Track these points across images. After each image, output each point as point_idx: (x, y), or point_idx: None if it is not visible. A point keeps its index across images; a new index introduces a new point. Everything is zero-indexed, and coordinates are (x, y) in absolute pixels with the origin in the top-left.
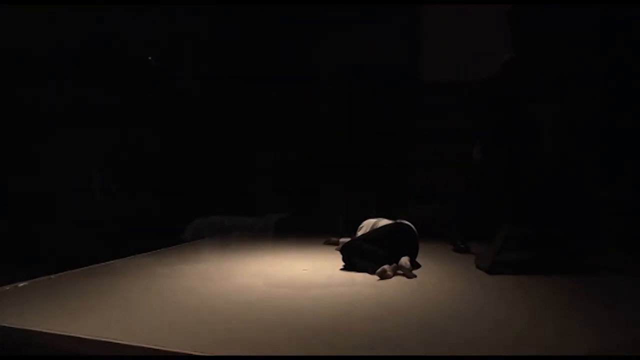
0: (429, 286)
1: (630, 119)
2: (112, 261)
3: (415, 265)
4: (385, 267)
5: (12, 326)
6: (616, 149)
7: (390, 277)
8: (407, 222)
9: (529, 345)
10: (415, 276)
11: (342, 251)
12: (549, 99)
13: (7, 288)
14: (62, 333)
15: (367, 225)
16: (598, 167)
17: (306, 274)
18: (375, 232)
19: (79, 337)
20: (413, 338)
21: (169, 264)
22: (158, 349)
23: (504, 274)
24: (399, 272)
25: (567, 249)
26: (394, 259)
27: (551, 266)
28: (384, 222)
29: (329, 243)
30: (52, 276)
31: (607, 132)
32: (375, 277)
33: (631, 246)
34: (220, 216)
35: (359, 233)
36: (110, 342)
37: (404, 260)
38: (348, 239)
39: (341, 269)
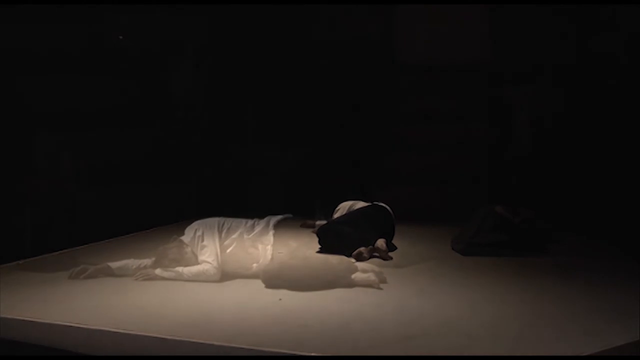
0: (404, 268)
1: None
2: (85, 245)
3: (391, 247)
4: (362, 249)
5: None
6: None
7: (367, 259)
8: (383, 205)
9: (506, 325)
10: (391, 258)
11: (318, 233)
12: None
13: None
14: (30, 319)
15: (344, 207)
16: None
17: (281, 256)
18: (351, 214)
19: (48, 323)
20: (388, 318)
21: (144, 249)
22: (127, 333)
23: (479, 256)
24: (375, 254)
25: (538, 229)
26: (370, 241)
27: (525, 248)
28: (360, 204)
29: (305, 225)
30: (21, 262)
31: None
32: (352, 259)
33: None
34: (219, 218)
35: (336, 215)
36: (79, 327)
37: (380, 242)
38: (324, 222)
39: (317, 252)
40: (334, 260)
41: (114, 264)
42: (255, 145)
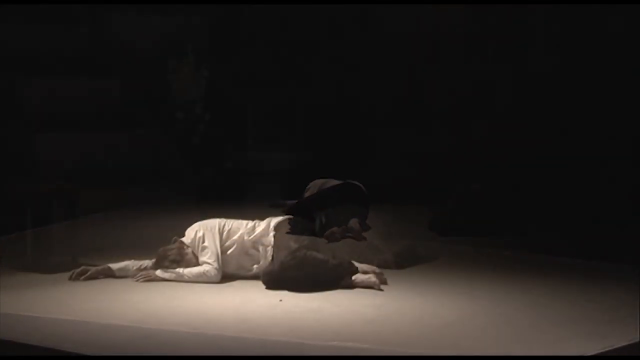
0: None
1: None
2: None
3: (365, 227)
4: (334, 228)
5: None
6: None
7: (339, 240)
8: (356, 183)
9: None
10: (364, 238)
11: (288, 213)
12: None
13: None
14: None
15: (315, 186)
16: None
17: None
18: (323, 193)
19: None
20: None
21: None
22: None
23: (456, 236)
24: (348, 234)
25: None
26: (342, 221)
27: (499, 228)
28: (333, 182)
29: (274, 205)
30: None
31: None
32: (323, 240)
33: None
34: (220, 219)
35: (307, 194)
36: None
37: (354, 222)
38: (294, 201)
39: (287, 232)
40: (335, 261)
41: (115, 265)
42: (255, 146)
